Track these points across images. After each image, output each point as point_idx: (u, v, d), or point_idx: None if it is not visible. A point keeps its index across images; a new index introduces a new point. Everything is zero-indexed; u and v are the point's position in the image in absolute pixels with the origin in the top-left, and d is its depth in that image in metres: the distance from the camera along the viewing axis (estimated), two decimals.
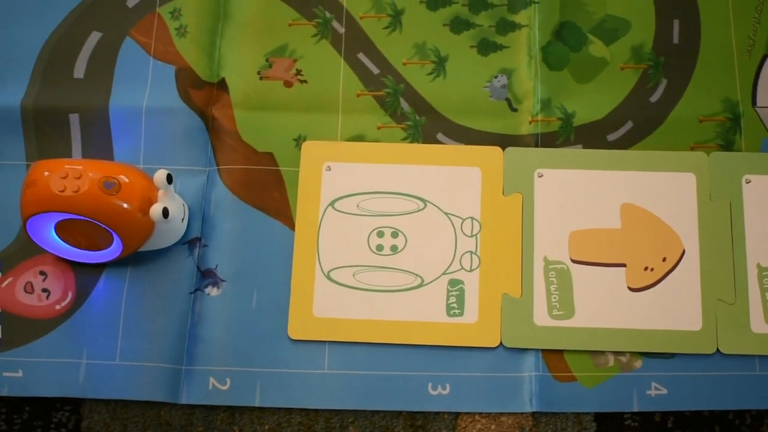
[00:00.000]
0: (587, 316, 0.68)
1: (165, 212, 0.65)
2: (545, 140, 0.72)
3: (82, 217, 0.64)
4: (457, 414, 0.67)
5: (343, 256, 0.70)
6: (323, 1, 0.76)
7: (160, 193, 0.66)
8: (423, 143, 0.73)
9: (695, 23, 0.75)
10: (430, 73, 0.75)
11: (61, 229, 0.66)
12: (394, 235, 0.70)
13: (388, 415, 0.67)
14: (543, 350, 0.68)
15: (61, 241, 0.67)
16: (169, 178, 0.66)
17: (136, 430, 0.67)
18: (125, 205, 0.64)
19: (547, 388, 0.67)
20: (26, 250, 0.70)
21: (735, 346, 0.67)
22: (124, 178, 0.65)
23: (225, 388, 0.67)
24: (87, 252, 0.68)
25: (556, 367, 0.67)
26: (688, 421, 0.67)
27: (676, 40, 0.75)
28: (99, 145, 0.72)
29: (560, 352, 0.68)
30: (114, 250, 0.67)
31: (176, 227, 0.69)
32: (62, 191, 0.63)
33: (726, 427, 0.67)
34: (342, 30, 0.76)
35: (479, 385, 0.67)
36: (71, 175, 0.63)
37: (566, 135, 0.73)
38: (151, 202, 0.65)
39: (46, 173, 0.64)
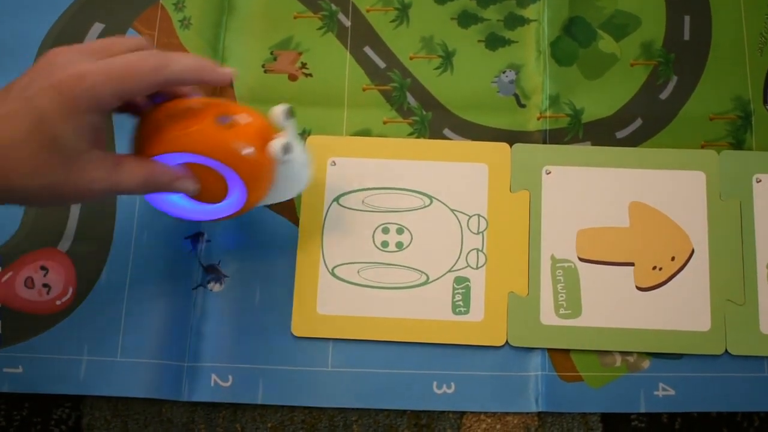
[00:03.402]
0: (594, 315, 0.67)
1: (286, 148, 0.57)
2: (553, 137, 0.72)
3: (198, 158, 0.56)
4: (462, 413, 0.67)
5: (348, 253, 0.69)
6: None
7: (280, 133, 0.58)
8: (429, 138, 0.72)
9: (706, 20, 0.74)
10: (437, 68, 0.74)
11: None
12: (400, 231, 0.70)
13: (392, 413, 0.67)
14: (549, 349, 0.67)
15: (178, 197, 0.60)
16: (290, 112, 0.58)
17: (137, 428, 0.67)
18: (243, 144, 0.56)
19: (553, 387, 0.66)
20: (26, 244, 0.69)
21: (744, 348, 0.66)
22: (242, 116, 0.57)
23: (227, 385, 0.67)
24: (207, 207, 0.61)
25: (563, 366, 0.67)
26: (696, 423, 0.66)
27: (687, 37, 0.74)
28: None
29: (567, 351, 0.67)
30: (236, 202, 0.60)
31: (299, 172, 0.62)
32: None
33: (734, 429, 0.66)
34: (348, 23, 0.75)
35: (485, 385, 0.67)
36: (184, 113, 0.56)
37: (575, 132, 0.72)
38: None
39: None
